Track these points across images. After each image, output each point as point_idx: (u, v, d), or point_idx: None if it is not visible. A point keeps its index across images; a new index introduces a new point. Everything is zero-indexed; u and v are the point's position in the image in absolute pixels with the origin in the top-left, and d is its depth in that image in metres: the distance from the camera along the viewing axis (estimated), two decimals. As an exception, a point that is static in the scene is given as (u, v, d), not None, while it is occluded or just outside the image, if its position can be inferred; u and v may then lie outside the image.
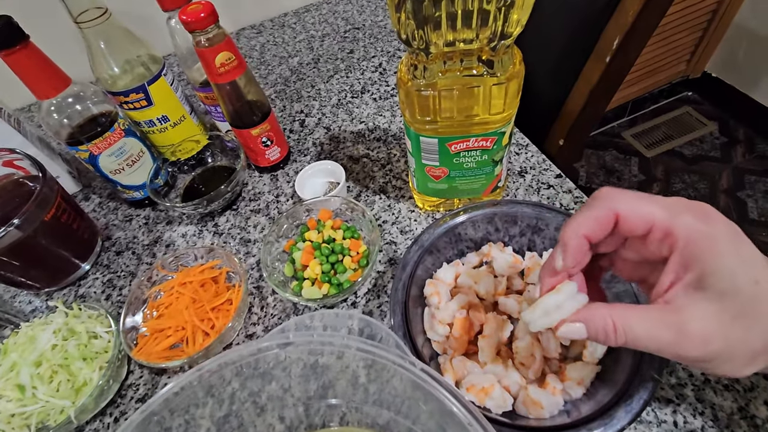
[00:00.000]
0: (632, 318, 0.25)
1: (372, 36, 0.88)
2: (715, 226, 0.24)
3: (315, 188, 0.60)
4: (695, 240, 0.24)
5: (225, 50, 0.50)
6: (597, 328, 0.25)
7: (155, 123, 0.60)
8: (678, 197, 0.25)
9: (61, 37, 0.63)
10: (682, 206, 0.25)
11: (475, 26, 0.35)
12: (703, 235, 0.23)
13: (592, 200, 0.26)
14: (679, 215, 0.24)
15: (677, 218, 0.24)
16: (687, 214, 0.24)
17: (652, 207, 0.25)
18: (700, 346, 0.24)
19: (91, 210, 0.67)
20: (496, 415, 0.35)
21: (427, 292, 0.42)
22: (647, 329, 0.24)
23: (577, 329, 0.26)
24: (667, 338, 0.24)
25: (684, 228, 0.24)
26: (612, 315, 0.25)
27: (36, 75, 0.49)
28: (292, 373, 0.38)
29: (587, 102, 0.62)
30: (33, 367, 0.42)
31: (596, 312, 0.26)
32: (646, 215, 0.25)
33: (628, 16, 0.52)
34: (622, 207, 0.25)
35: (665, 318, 0.24)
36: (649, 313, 0.25)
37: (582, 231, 0.26)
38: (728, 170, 1.59)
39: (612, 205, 0.26)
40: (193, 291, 0.48)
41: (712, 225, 0.24)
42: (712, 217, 0.24)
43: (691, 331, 0.24)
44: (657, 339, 0.24)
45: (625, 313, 0.25)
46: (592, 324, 0.26)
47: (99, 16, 0.50)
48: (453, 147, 0.45)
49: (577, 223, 0.26)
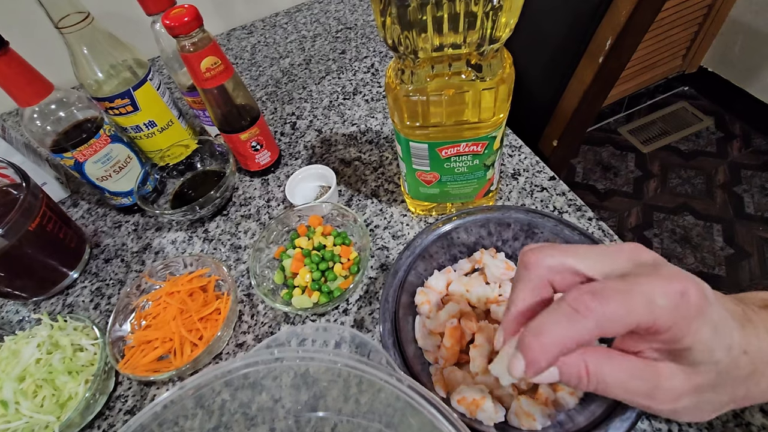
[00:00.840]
0: (606, 367, 0.24)
1: (364, 36, 0.87)
2: (690, 302, 0.22)
3: (306, 192, 0.59)
4: (677, 323, 0.22)
5: (210, 55, 0.49)
6: (570, 373, 0.24)
7: (142, 128, 0.59)
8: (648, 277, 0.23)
9: (43, 42, 0.62)
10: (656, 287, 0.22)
11: (462, 30, 0.34)
12: (681, 317, 0.22)
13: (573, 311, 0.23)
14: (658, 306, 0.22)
15: (659, 312, 0.22)
16: (663, 296, 0.22)
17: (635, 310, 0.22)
18: (671, 401, 0.24)
19: (79, 216, 0.66)
20: (488, 428, 0.34)
21: (418, 301, 0.42)
22: (621, 380, 0.24)
23: (550, 373, 0.25)
24: (640, 390, 0.24)
25: (665, 318, 0.22)
26: (586, 359, 0.24)
27: (16, 82, 0.48)
28: (283, 383, 0.37)
29: (581, 102, 0.61)
30: (16, 382, 0.41)
31: (571, 358, 0.24)
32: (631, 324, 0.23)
33: (620, 15, 0.51)
34: (609, 326, 0.23)
35: (642, 371, 0.24)
36: (625, 363, 0.24)
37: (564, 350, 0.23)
38: (724, 165, 1.59)
39: (598, 325, 0.23)
40: (181, 301, 0.47)
41: (687, 301, 0.22)
42: (686, 291, 0.22)
43: (664, 389, 0.24)
44: (629, 390, 0.24)
45: (599, 359, 0.24)
46: (565, 369, 0.24)
47: (81, 21, 0.49)
48: (443, 152, 0.44)
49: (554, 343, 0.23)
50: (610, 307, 0.22)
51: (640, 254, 0.25)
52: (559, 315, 0.23)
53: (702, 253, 1.40)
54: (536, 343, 0.23)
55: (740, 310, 0.25)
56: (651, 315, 0.22)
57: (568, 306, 0.23)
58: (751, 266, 1.34)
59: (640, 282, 0.23)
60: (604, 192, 1.61)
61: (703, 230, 1.45)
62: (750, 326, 0.25)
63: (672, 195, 1.56)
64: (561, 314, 0.23)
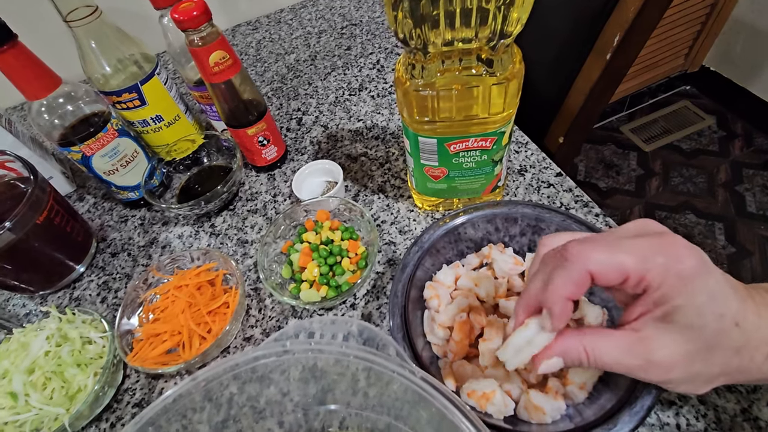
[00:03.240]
0: (602, 346, 0.27)
1: (369, 32, 0.87)
2: (685, 264, 0.25)
3: (312, 188, 0.60)
4: (666, 281, 0.25)
5: (219, 49, 0.49)
6: (573, 359, 0.27)
7: (149, 123, 0.59)
8: (650, 237, 0.26)
9: (51, 36, 0.62)
10: (653, 250, 0.25)
11: (474, 25, 0.35)
12: (674, 276, 0.24)
13: (563, 261, 0.26)
14: (650, 260, 0.25)
15: (649, 264, 0.25)
16: (658, 257, 0.25)
17: (623, 258, 0.25)
18: (664, 373, 0.26)
19: (85, 211, 0.67)
20: (498, 421, 0.34)
21: (426, 295, 0.42)
22: (616, 358, 0.27)
23: (556, 363, 0.28)
24: (634, 365, 0.26)
25: (656, 273, 0.25)
26: (584, 343, 0.27)
27: (25, 75, 0.48)
28: (291, 376, 0.37)
29: (587, 99, 0.61)
30: (26, 374, 0.41)
31: (570, 343, 0.27)
32: (618, 268, 0.25)
33: (629, 12, 0.51)
34: (593, 267, 0.26)
35: (633, 347, 0.26)
36: (619, 340, 0.27)
37: (564, 295, 0.27)
38: (726, 164, 1.59)
39: (584, 267, 0.26)
40: (189, 294, 0.47)
41: (682, 263, 0.25)
42: (682, 255, 0.25)
43: (657, 360, 0.26)
44: (624, 366, 0.27)
45: (595, 341, 0.27)
46: (568, 357, 0.28)
47: (89, 15, 0.49)
48: (452, 147, 0.44)
49: (557, 288, 0.27)
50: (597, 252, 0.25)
51: (649, 224, 0.28)
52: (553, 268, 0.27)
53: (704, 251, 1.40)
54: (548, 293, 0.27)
55: (743, 288, 0.27)
56: (641, 266, 0.25)
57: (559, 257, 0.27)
58: (753, 265, 1.34)
59: (634, 240, 0.26)
60: (606, 190, 1.61)
61: (705, 229, 1.45)
62: (751, 302, 0.26)
63: (674, 193, 1.56)
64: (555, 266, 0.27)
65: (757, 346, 0.25)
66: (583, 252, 0.26)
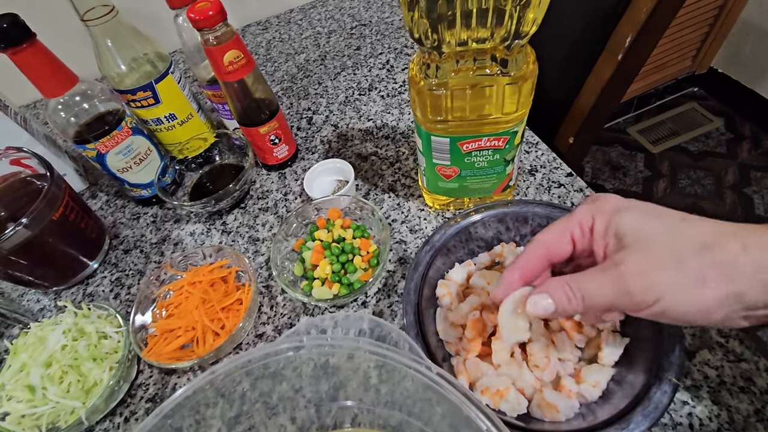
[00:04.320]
0: (584, 280, 0.28)
1: (379, 33, 0.87)
2: (611, 201, 0.29)
3: (323, 186, 0.60)
4: (601, 218, 0.29)
5: (233, 48, 0.50)
6: (559, 296, 0.28)
7: (163, 121, 0.60)
8: (584, 203, 0.31)
9: (67, 35, 0.63)
10: (586, 207, 0.30)
11: (490, 25, 0.35)
12: (605, 212, 0.29)
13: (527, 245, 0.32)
14: (583, 214, 0.30)
15: (582, 216, 0.30)
16: (589, 208, 0.30)
17: (563, 224, 0.30)
18: (645, 293, 0.25)
19: (98, 208, 0.67)
20: (511, 418, 0.34)
21: (439, 293, 0.42)
22: (604, 291, 0.27)
23: (544, 302, 0.29)
24: (617, 293, 0.26)
25: (588, 217, 0.29)
26: (567, 281, 0.28)
27: (43, 73, 0.49)
28: (303, 373, 0.37)
29: (598, 99, 0.61)
30: (43, 367, 0.42)
31: (555, 284, 0.29)
32: (562, 232, 0.30)
33: (641, 13, 0.51)
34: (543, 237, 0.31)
35: (608, 273, 0.27)
36: (596, 273, 0.28)
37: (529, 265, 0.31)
38: (734, 166, 1.58)
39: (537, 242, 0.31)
40: (203, 291, 0.48)
41: (608, 202, 0.29)
42: (608, 198, 0.29)
43: (631, 281, 0.26)
44: (609, 296, 0.27)
45: (578, 278, 0.28)
46: (555, 293, 0.28)
47: (106, 14, 0.50)
48: (465, 146, 0.44)
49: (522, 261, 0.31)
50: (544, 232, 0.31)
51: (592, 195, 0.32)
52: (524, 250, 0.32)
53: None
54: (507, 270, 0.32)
55: None
56: (578, 219, 0.30)
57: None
58: (761, 268, 1.33)
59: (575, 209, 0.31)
60: (613, 192, 1.61)
61: (713, 231, 1.44)
62: None
63: (681, 195, 1.55)
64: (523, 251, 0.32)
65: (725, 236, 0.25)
66: (539, 235, 0.31)
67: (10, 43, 0.45)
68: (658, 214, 0.27)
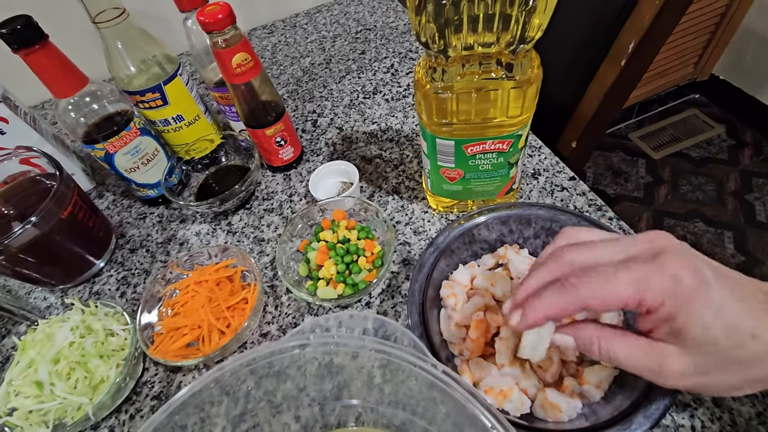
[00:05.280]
0: (617, 343, 0.28)
1: (383, 37, 0.88)
2: (683, 283, 0.25)
3: (328, 188, 0.61)
4: (667, 302, 0.25)
5: (242, 51, 0.51)
6: (584, 343, 0.29)
7: (170, 122, 0.60)
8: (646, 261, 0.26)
9: (78, 36, 0.64)
10: (649, 274, 0.25)
11: (497, 30, 0.35)
12: (673, 296, 0.25)
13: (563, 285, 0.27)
14: (646, 286, 0.25)
15: (645, 291, 0.25)
16: (654, 280, 0.25)
17: (618, 289, 0.26)
18: (677, 380, 0.26)
19: (104, 208, 0.68)
20: (515, 418, 0.35)
21: (443, 294, 0.42)
22: (630, 355, 0.27)
23: (566, 339, 0.30)
24: (647, 366, 0.27)
25: (654, 296, 0.25)
26: (599, 336, 0.28)
27: (54, 74, 0.49)
28: (307, 372, 0.38)
29: (601, 104, 0.62)
30: (51, 364, 0.42)
31: (586, 330, 0.29)
32: (614, 299, 0.26)
33: (644, 19, 0.51)
34: (590, 302, 0.26)
35: (647, 349, 0.27)
36: (634, 341, 0.28)
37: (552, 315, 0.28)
38: (736, 173, 1.59)
39: (580, 299, 0.27)
40: (209, 290, 0.48)
41: (679, 283, 0.25)
42: (679, 275, 0.25)
43: (669, 368, 0.26)
44: (638, 365, 0.27)
45: (611, 337, 0.28)
46: (580, 339, 0.29)
47: (117, 17, 0.51)
48: (469, 149, 0.45)
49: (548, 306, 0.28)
50: (591, 286, 0.26)
51: (656, 240, 0.27)
52: (553, 288, 0.28)
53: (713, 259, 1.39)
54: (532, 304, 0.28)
55: (758, 295, 0.26)
56: (637, 294, 0.25)
57: (560, 282, 0.27)
58: (763, 273, 1.33)
59: (631, 266, 0.26)
60: (615, 197, 1.61)
61: (714, 237, 1.45)
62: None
63: (683, 201, 1.56)
64: (554, 287, 0.28)
65: None
66: (582, 285, 0.26)
67: (23, 44, 0.45)
68: (732, 319, 0.25)
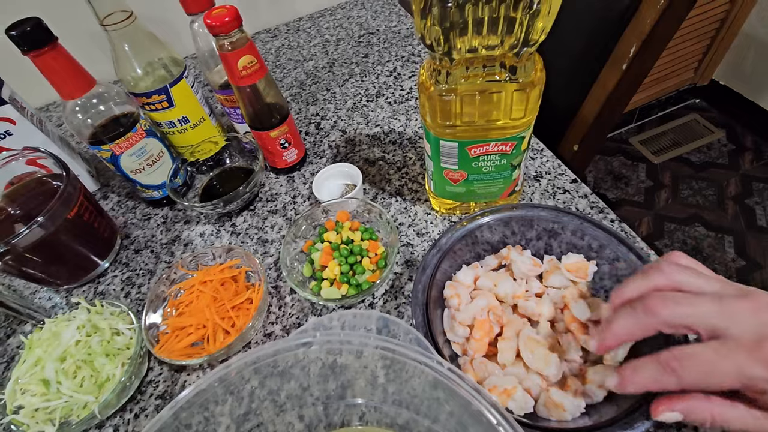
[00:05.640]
0: (732, 416, 0.28)
1: (386, 41, 0.89)
2: None
3: (332, 190, 0.61)
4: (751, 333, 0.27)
5: (247, 54, 0.51)
6: (696, 419, 0.29)
7: (176, 124, 0.61)
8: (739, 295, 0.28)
9: (84, 38, 0.64)
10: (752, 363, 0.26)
11: (501, 33, 0.36)
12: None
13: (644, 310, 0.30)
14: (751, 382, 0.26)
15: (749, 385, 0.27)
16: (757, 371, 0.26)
17: (721, 379, 0.27)
18: None
19: (109, 209, 0.68)
20: (518, 417, 0.35)
21: (447, 294, 0.43)
22: (745, 424, 0.28)
23: (674, 416, 0.30)
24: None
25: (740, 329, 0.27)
26: (712, 410, 0.28)
27: (63, 76, 0.50)
28: (311, 371, 0.38)
29: (603, 108, 0.63)
30: (58, 362, 0.42)
31: (698, 405, 0.29)
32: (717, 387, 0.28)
33: (645, 24, 0.52)
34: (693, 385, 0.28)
35: (758, 419, 0.28)
36: (746, 412, 0.28)
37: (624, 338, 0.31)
38: (736, 177, 1.60)
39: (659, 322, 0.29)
40: (214, 290, 0.48)
41: None
42: None
43: None
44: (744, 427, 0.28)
45: (724, 410, 0.28)
46: (692, 415, 0.29)
47: (125, 19, 0.51)
48: (473, 151, 0.45)
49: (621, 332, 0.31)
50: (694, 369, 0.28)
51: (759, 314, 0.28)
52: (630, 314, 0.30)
53: (713, 264, 1.40)
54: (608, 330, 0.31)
55: None
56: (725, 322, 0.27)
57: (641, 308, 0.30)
58: (763, 278, 1.34)
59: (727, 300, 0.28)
60: (615, 201, 1.62)
61: (715, 241, 1.45)
62: None
63: (683, 206, 1.56)
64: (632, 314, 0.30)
65: None
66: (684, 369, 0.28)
67: (33, 46, 0.46)
68: None
